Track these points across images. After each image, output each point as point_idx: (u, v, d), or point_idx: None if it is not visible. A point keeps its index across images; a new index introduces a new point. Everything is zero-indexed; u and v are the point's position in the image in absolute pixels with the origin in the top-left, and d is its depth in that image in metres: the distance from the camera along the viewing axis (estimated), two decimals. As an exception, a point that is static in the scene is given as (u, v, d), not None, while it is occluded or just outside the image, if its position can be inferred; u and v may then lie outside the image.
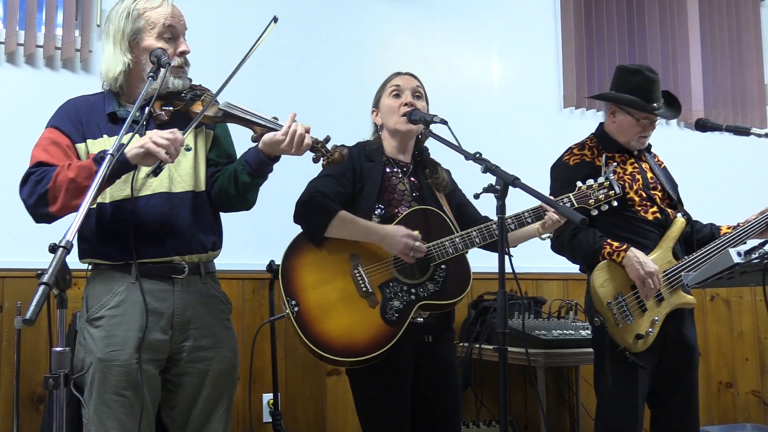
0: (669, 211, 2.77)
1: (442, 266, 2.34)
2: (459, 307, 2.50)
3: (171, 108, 2.05)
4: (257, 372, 3.27)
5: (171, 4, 2.09)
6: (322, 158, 2.06)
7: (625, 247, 2.61)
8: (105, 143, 2.01)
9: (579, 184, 2.45)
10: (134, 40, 2.05)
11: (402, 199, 2.43)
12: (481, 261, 2.51)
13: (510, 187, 1.99)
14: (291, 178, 2.37)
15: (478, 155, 2.11)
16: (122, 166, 1.84)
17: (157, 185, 2.00)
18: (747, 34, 4.86)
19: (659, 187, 2.81)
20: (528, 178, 2.03)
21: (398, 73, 2.56)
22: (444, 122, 2.29)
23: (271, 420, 3.15)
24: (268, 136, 1.99)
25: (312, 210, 2.31)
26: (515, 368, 3.77)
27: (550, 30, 4.38)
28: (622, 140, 2.82)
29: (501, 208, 1.99)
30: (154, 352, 1.99)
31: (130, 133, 1.85)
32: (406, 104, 2.45)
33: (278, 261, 2.32)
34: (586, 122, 4.17)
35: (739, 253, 2.02)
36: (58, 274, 1.42)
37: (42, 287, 1.38)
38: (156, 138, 1.83)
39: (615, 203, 2.44)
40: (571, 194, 2.43)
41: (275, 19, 1.99)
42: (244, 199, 2.12)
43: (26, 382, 3.01)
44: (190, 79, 2.13)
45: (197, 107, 2.04)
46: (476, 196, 2.13)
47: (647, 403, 2.70)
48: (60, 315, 1.52)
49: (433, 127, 2.35)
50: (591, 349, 2.78)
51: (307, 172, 2.39)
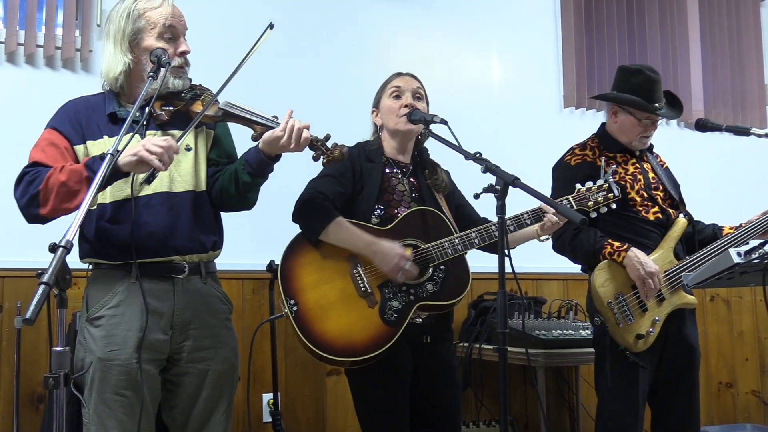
0: (670, 211, 2.77)
1: (441, 267, 2.34)
2: (459, 307, 2.50)
3: (171, 108, 2.05)
4: (257, 372, 3.28)
5: (171, 5, 2.09)
6: (322, 156, 2.06)
7: (625, 246, 2.61)
8: (105, 144, 2.01)
9: (578, 186, 2.45)
10: (134, 41, 2.05)
11: (401, 200, 2.43)
12: (481, 261, 2.51)
13: (510, 187, 1.99)
14: (291, 178, 2.37)
15: (478, 155, 2.11)
16: (115, 173, 1.82)
17: (157, 185, 2.00)
18: (747, 34, 4.86)
19: (661, 188, 2.81)
20: (528, 178, 2.03)
21: (399, 74, 2.55)
22: (444, 122, 2.29)
23: (271, 420, 3.15)
24: (267, 134, 1.99)
25: (311, 211, 2.31)
26: (515, 368, 3.77)
27: (550, 30, 4.38)
28: (623, 140, 2.82)
29: (501, 208, 1.99)
30: (154, 352, 1.99)
31: (130, 133, 1.84)
32: (406, 106, 2.45)
33: (278, 261, 2.32)
34: (586, 122, 4.18)
35: (739, 253, 2.02)
36: (58, 274, 1.42)
37: (42, 287, 1.38)
38: (149, 146, 1.80)
39: (614, 206, 2.44)
40: (570, 196, 2.43)
41: (271, 26, 1.98)
42: (244, 198, 2.12)
43: (26, 382, 3.01)
44: (190, 79, 2.13)
45: (197, 107, 2.04)
46: (476, 196, 2.13)
47: (648, 402, 2.70)
48: (60, 315, 1.52)
49: (433, 127, 2.35)
50: (591, 349, 2.78)
51: (307, 172, 2.40)
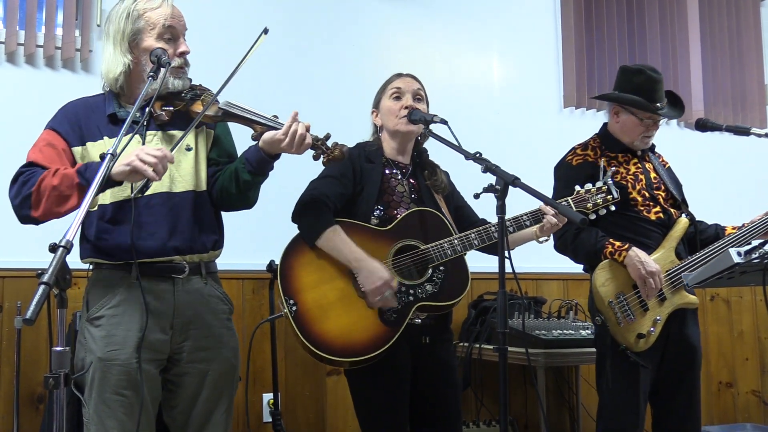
0: (672, 211, 2.76)
1: (441, 268, 2.34)
2: (459, 307, 2.51)
3: (171, 108, 2.05)
4: (257, 372, 3.28)
5: (171, 5, 2.09)
6: (322, 155, 2.06)
7: (626, 246, 2.61)
8: (105, 145, 2.00)
9: (577, 188, 2.45)
10: (134, 41, 2.04)
11: (401, 201, 2.43)
12: (481, 261, 2.51)
13: (510, 187, 2.00)
14: (291, 178, 2.37)
15: (478, 155, 2.11)
16: (107, 182, 1.80)
17: (157, 185, 1.99)
18: (747, 34, 4.85)
19: (662, 187, 2.81)
20: (528, 178, 2.03)
21: (399, 75, 2.55)
22: (444, 122, 2.29)
23: (271, 420, 3.15)
24: (268, 135, 1.99)
25: (310, 215, 2.31)
26: (515, 368, 3.77)
27: (550, 30, 4.38)
28: (625, 140, 2.82)
29: (501, 208, 2.00)
30: (154, 352, 1.99)
31: (130, 134, 1.84)
32: (406, 107, 2.45)
33: (278, 261, 2.32)
34: (586, 122, 4.18)
35: (739, 253, 2.02)
36: (58, 274, 1.42)
37: (42, 287, 1.38)
38: (143, 155, 1.79)
39: (613, 208, 2.44)
40: (569, 198, 2.43)
41: (265, 31, 1.97)
42: (245, 197, 2.11)
43: (26, 382, 3.01)
44: (190, 80, 2.13)
45: (197, 107, 2.04)
46: (476, 196, 2.13)
47: (649, 402, 2.70)
48: (60, 315, 1.52)
49: (434, 127, 2.35)
50: (591, 349, 2.78)
51: (307, 172, 2.40)
